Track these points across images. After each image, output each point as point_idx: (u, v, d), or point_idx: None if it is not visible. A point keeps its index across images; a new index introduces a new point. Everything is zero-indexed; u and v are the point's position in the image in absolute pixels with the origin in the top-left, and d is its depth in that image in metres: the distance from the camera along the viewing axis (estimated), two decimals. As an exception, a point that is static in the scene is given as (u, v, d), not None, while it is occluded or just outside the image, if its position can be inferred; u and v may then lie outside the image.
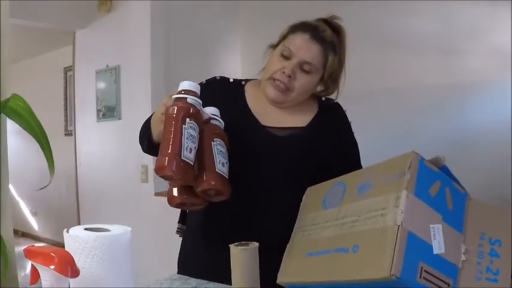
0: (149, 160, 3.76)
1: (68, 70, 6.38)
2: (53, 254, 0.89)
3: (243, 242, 1.17)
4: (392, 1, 4.18)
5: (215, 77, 1.69)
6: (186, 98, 1.25)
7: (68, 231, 1.00)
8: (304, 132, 1.59)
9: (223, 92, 1.63)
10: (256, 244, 1.17)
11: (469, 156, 3.79)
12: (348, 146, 1.70)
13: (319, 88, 1.67)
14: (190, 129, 1.20)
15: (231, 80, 1.69)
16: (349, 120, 1.74)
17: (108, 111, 4.38)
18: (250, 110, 1.59)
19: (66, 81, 6.81)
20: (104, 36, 4.49)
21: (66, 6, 4.48)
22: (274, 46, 1.63)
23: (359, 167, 1.66)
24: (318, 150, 1.58)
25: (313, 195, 1.41)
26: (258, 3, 4.77)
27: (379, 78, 4.25)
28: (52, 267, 0.88)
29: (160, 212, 3.20)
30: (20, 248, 1.07)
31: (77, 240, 0.95)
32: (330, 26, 1.61)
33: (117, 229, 1.02)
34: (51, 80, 7.04)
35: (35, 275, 0.93)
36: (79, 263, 0.93)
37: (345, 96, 1.76)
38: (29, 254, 0.93)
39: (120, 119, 4.25)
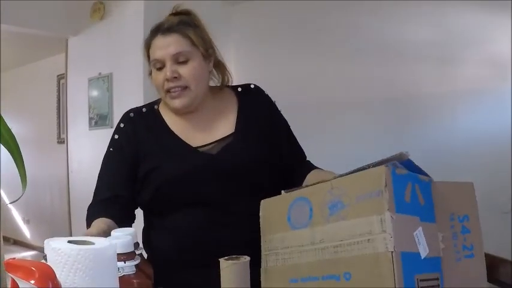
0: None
1: (61, 78, 6.35)
2: (33, 268, 0.85)
3: (233, 256, 1.14)
4: (388, 10, 4.18)
5: (129, 115, 1.63)
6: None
7: (49, 243, 0.96)
8: (236, 137, 1.55)
9: (143, 126, 1.59)
10: (248, 258, 1.14)
11: (467, 166, 3.77)
12: (282, 128, 1.68)
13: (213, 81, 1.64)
14: None
15: (144, 110, 1.64)
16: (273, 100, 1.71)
17: (101, 119, 4.36)
18: (176, 135, 1.55)
19: (59, 88, 6.78)
20: (96, 43, 4.47)
21: (59, 13, 4.47)
22: (150, 72, 1.59)
23: (297, 145, 1.69)
24: (255, 153, 1.54)
25: (272, 210, 1.34)
26: (250, 11, 4.76)
27: (375, 86, 4.24)
28: (32, 282, 0.84)
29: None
30: (11, 255, 1.04)
31: (59, 253, 0.91)
32: (172, 15, 1.58)
33: (101, 242, 0.99)
34: (44, 88, 7.01)
35: (15, 289, 0.90)
36: (61, 277, 0.89)
37: (340, 105, 1.74)
38: (9, 267, 0.89)
39: (112, 127, 4.22)
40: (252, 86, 1.69)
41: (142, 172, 1.52)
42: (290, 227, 1.23)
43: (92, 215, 1.53)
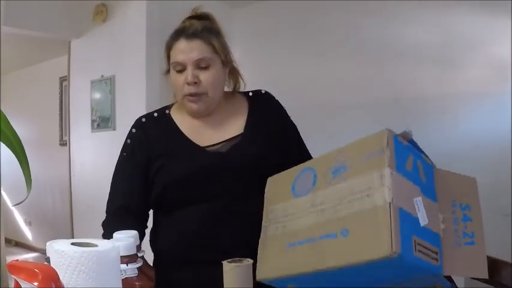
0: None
1: (64, 80, 6.37)
2: (36, 270, 0.86)
3: (236, 259, 1.14)
4: (389, 11, 4.17)
5: (141, 120, 1.67)
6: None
7: (53, 245, 0.97)
8: (245, 138, 1.59)
9: (154, 130, 1.63)
10: (251, 261, 1.14)
11: (467, 168, 3.75)
12: (291, 133, 1.71)
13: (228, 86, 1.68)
14: None
15: (156, 115, 1.68)
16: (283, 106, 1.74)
17: (103, 122, 4.36)
18: (186, 136, 1.59)
19: (61, 91, 6.79)
20: (99, 46, 4.48)
21: (62, 16, 4.48)
22: (167, 71, 1.64)
23: (306, 151, 1.72)
24: (264, 154, 1.57)
25: (276, 185, 1.37)
26: (251, 12, 4.77)
27: (376, 88, 4.24)
28: (36, 283, 0.85)
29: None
30: (13, 257, 1.04)
31: (62, 255, 0.91)
32: (195, 18, 1.62)
33: (105, 244, 0.99)
34: (46, 90, 7.01)
35: (18, 291, 0.90)
36: (64, 279, 0.90)
37: (341, 106, 1.75)
38: (12, 269, 0.90)
39: (114, 129, 4.23)
40: (263, 92, 1.73)
41: (152, 172, 1.56)
42: (293, 196, 1.25)
43: (112, 231, 1.58)
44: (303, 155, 1.68)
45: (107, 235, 1.52)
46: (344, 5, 4.35)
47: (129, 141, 1.64)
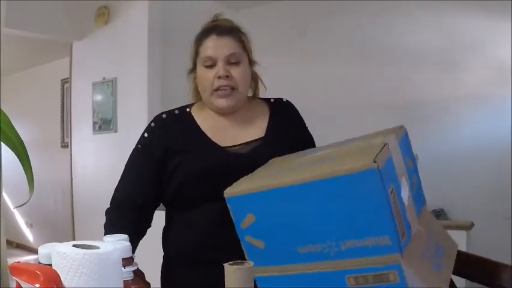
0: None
1: (65, 82, 6.37)
2: (38, 272, 0.86)
3: (237, 261, 1.14)
4: (393, 16, 4.18)
5: (161, 116, 1.68)
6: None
7: (54, 247, 0.97)
8: (265, 141, 1.60)
9: (174, 127, 1.64)
10: (252, 263, 1.14)
11: (467, 172, 3.78)
12: (309, 143, 1.73)
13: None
14: None
15: (177, 112, 1.69)
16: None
17: (104, 124, 4.37)
18: (206, 135, 1.60)
19: (63, 92, 6.80)
20: (100, 48, 4.48)
21: (64, 18, 4.48)
22: (192, 69, 1.65)
23: None
24: (283, 155, 1.57)
25: (281, 160, 1.41)
26: (254, 16, 4.77)
27: (377, 91, 4.25)
28: (37, 285, 0.85)
29: (155, 224, 3.17)
30: (14, 259, 1.04)
31: (64, 257, 0.92)
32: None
33: (106, 246, 0.99)
34: (48, 92, 7.03)
35: (20, 293, 0.91)
36: (66, 281, 0.90)
37: (341, 109, 1.76)
38: (14, 270, 0.90)
39: (116, 131, 4.23)
40: (285, 100, 1.76)
41: (169, 169, 1.57)
42: (296, 156, 1.32)
43: (111, 223, 1.60)
44: None
45: (108, 227, 1.57)
46: (345, 10, 4.37)
47: (146, 134, 1.65)
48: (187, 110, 1.69)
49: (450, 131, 3.98)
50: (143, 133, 1.66)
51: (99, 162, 4.46)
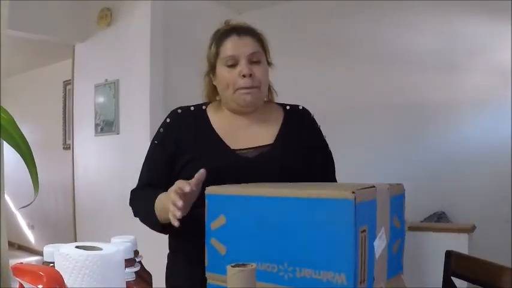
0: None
1: (67, 84, 6.37)
2: (41, 273, 0.86)
3: (239, 263, 1.14)
4: (393, 19, 4.19)
5: (177, 111, 1.70)
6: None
7: (57, 248, 0.98)
8: (273, 149, 1.61)
9: (188, 123, 1.66)
10: (254, 265, 1.14)
11: (469, 175, 3.78)
12: (319, 154, 1.72)
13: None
14: None
15: (192, 108, 1.71)
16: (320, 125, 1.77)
17: (107, 126, 4.37)
18: (218, 135, 1.62)
19: (65, 94, 6.81)
20: (103, 50, 4.49)
21: (66, 19, 4.49)
22: (209, 71, 1.67)
23: (332, 171, 1.73)
24: (289, 166, 1.58)
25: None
26: (258, 20, 4.78)
27: (379, 94, 4.25)
28: (40, 286, 0.85)
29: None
30: (16, 260, 1.05)
31: (67, 258, 0.92)
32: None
33: (109, 248, 1.00)
34: (50, 93, 7.04)
35: (23, 293, 0.91)
36: (69, 283, 0.90)
37: (343, 113, 1.76)
38: (17, 271, 0.90)
39: (118, 133, 4.23)
40: (301, 108, 1.76)
41: (179, 164, 1.60)
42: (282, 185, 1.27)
43: (139, 196, 1.68)
44: (327, 176, 1.71)
45: (135, 204, 1.67)
46: (348, 14, 4.38)
47: (162, 129, 1.68)
48: (203, 107, 1.71)
49: (451, 134, 3.98)
50: (159, 128, 1.70)
51: (101, 164, 4.47)
